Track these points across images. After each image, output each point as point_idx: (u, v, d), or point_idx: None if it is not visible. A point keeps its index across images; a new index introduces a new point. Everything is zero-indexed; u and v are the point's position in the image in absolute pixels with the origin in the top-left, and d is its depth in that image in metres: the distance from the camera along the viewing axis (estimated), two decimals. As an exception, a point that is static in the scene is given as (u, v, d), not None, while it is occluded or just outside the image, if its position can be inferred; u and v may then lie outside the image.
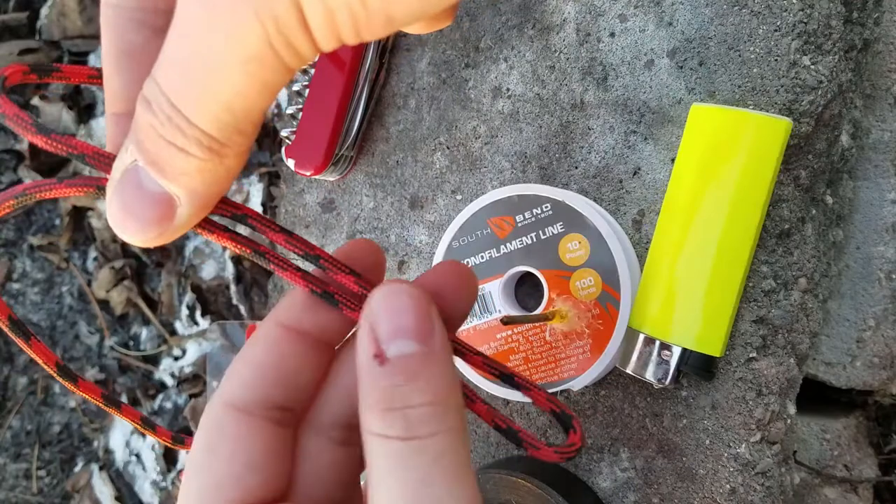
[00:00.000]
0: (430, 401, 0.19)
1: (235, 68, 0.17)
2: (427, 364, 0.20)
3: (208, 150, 0.18)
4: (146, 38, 0.21)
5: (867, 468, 0.50)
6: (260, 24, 0.16)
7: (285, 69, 0.18)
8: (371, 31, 0.17)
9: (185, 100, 0.18)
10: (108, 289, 0.98)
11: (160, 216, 0.19)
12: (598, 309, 0.41)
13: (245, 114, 0.18)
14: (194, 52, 0.17)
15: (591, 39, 0.44)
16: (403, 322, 0.20)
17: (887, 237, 0.46)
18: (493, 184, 0.47)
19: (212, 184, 0.19)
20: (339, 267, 0.23)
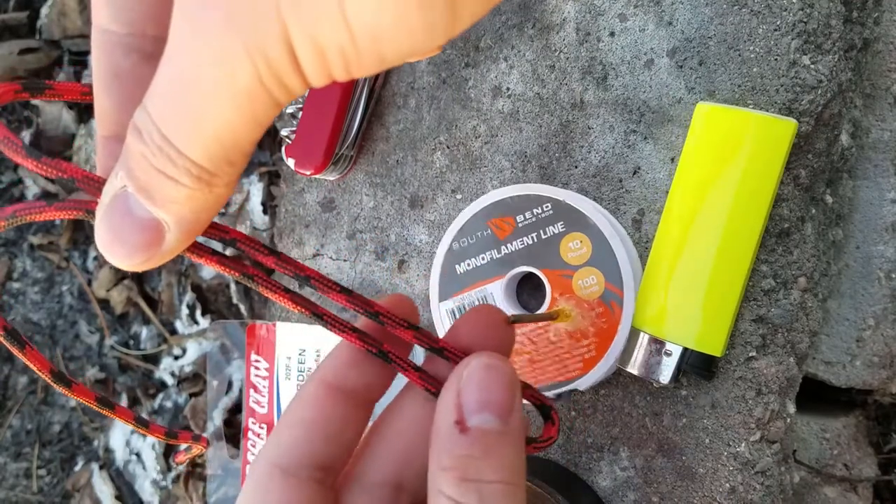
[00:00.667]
0: (503, 479, 0.20)
1: (225, 103, 0.17)
2: (503, 442, 0.21)
3: (198, 179, 0.18)
4: (135, 62, 0.21)
5: (867, 467, 0.50)
6: (250, 62, 0.17)
7: (275, 104, 0.18)
8: (362, 69, 0.17)
9: (175, 131, 0.18)
10: (108, 288, 0.98)
11: (148, 242, 0.19)
12: (602, 307, 0.41)
13: (235, 146, 0.18)
14: (184, 84, 0.17)
15: (590, 39, 0.44)
16: (491, 397, 0.21)
17: (887, 236, 0.46)
18: (493, 183, 0.47)
19: (200, 211, 0.20)
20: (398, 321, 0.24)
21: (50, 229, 1.04)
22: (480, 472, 0.20)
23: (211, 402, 0.56)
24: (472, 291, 0.44)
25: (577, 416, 0.44)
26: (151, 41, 0.21)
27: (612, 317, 0.40)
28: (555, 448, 0.45)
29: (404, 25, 0.16)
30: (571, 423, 0.44)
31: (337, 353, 0.25)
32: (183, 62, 0.17)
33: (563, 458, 0.45)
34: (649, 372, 0.40)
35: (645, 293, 0.40)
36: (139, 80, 0.20)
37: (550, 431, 0.25)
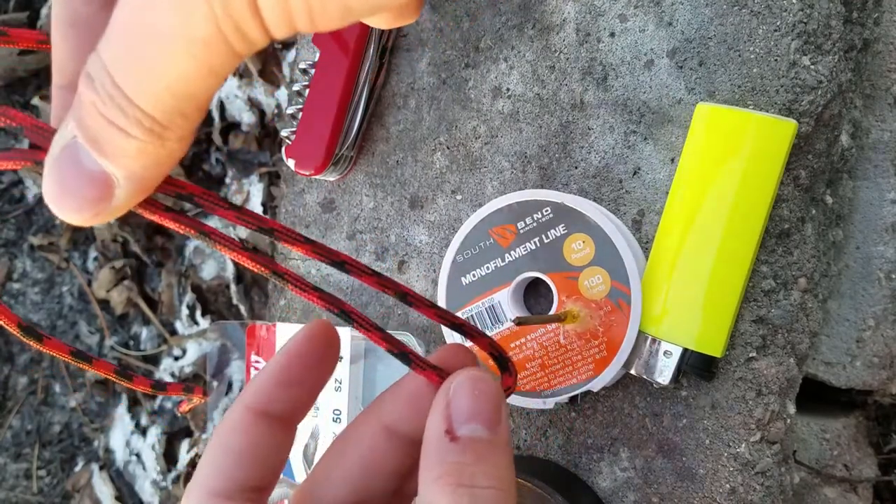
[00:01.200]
0: (496, 485, 0.21)
1: (180, 50, 0.17)
2: (493, 451, 0.21)
3: (149, 131, 0.18)
4: (95, 9, 0.21)
5: (867, 468, 0.50)
6: (208, 7, 0.16)
7: (234, 55, 0.17)
8: (328, 21, 0.17)
9: (127, 78, 0.17)
10: (108, 289, 0.98)
11: (97, 196, 0.19)
12: (610, 306, 0.41)
13: (189, 98, 0.18)
14: (138, 29, 0.17)
15: (591, 39, 0.44)
16: (479, 408, 0.21)
17: (887, 237, 0.46)
18: (492, 184, 0.47)
19: (152, 166, 0.19)
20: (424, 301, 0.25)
21: (50, 230, 1.04)
22: (474, 478, 0.21)
23: (211, 402, 0.57)
24: (480, 302, 0.44)
25: (577, 417, 0.44)
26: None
27: (621, 314, 0.40)
28: (555, 448, 0.45)
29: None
30: (571, 424, 0.44)
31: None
32: (137, 6, 0.17)
33: (563, 458, 0.45)
34: (649, 372, 0.40)
35: (645, 293, 0.40)
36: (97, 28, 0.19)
37: (508, 382, 0.26)
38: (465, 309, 0.45)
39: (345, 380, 0.48)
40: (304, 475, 0.49)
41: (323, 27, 0.17)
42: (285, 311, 0.55)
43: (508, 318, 0.43)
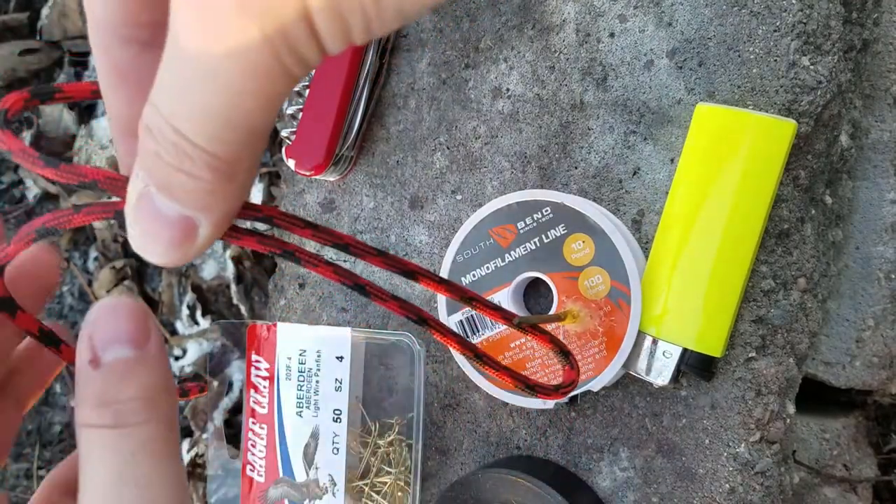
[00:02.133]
0: (141, 396, 0.21)
1: (239, 86, 0.16)
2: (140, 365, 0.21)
3: (216, 170, 0.18)
4: (135, 53, 0.21)
5: (866, 468, 0.50)
6: (266, 41, 0.16)
7: (291, 78, 0.17)
8: (383, 27, 0.17)
9: (187, 123, 0.17)
10: (108, 289, 0.98)
11: (181, 238, 0.19)
12: (610, 306, 0.41)
13: (252, 130, 0.18)
14: (193, 73, 0.17)
15: (590, 40, 0.44)
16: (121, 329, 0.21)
17: (886, 237, 0.46)
18: (492, 184, 0.47)
19: (227, 200, 0.19)
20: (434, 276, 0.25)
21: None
22: (117, 394, 0.21)
23: (211, 402, 0.57)
24: None
25: (577, 417, 0.44)
26: (148, 29, 0.20)
27: (621, 314, 0.40)
28: (555, 448, 0.45)
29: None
30: (571, 424, 0.45)
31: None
32: (188, 50, 0.17)
33: (563, 458, 0.45)
34: (649, 372, 0.40)
35: (645, 294, 0.40)
36: (142, 71, 0.20)
37: (571, 375, 0.26)
38: (466, 309, 0.45)
39: (345, 380, 0.48)
40: (304, 475, 0.49)
41: (378, 34, 0.17)
42: (285, 311, 0.55)
43: (508, 318, 0.43)
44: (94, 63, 0.21)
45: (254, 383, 0.51)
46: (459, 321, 0.45)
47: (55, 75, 1.02)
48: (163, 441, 0.21)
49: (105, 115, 0.99)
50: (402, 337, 0.47)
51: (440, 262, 0.47)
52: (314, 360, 0.48)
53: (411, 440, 0.47)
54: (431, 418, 0.49)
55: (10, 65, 1.02)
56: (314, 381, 0.48)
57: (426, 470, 0.49)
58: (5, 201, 1.05)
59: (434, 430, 0.49)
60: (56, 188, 1.00)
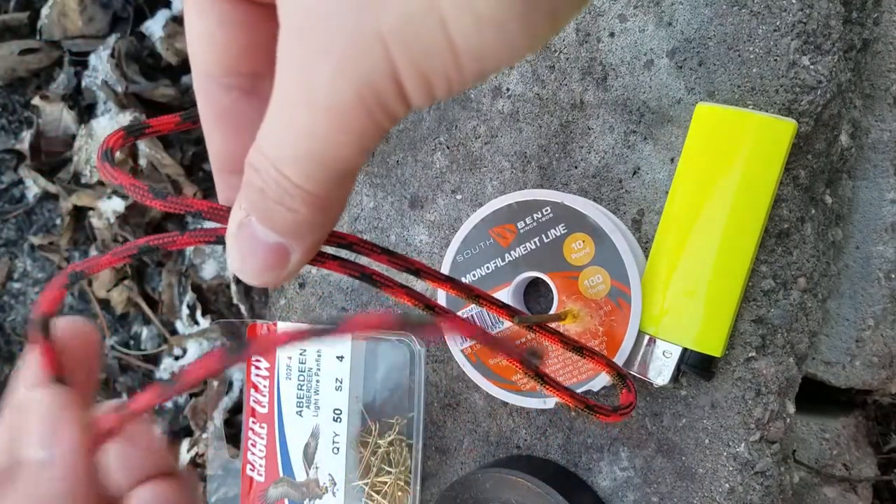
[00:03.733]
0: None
1: (335, 139, 0.18)
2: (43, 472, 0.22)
3: (312, 206, 0.20)
4: (235, 99, 0.23)
5: (866, 467, 0.50)
6: (360, 101, 0.18)
7: (382, 131, 0.19)
8: (464, 86, 0.18)
9: (290, 167, 0.19)
10: (108, 288, 0.98)
11: (275, 263, 0.21)
12: (610, 305, 0.41)
13: (344, 173, 0.20)
14: (296, 124, 0.19)
15: (590, 39, 0.44)
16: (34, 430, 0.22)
17: (886, 237, 0.46)
18: (493, 183, 0.47)
19: (318, 230, 0.21)
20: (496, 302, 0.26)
21: (50, 229, 1.04)
22: None
23: (211, 402, 0.57)
24: None
25: (577, 417, 0.44)
26: (248, 78, 0.23)
27: (621, 314, 0.40)
28: (555, 448, 0.45)
29: (506, 42, 0.17)
30: (571, 424, 0.45)
31: None
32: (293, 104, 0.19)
33: (563, 458, 0.45)
34: (649, 372, 0.40)
35: (645, 293, 0.40)
36: (240, 115, 0.22)
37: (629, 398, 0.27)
38: (466, 309, 0.45)
39: (345, 379, 0.48)
40: (304, 475, 0.49)
41: (458, 92, 0.19)
42: (285, 311, 0.55)
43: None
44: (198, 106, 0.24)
45: (254, 383, 0.51)
46: (459, 321, 0.45)
47: (55, 75, 1.02)
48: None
49: (105, 115, 0.99)
50: (402, 337, 0.47)
51: (440, 262, 0.47)
52: (314, 360, 0.48)
53: (411, 440, 0.47)
54: (431, 418, 0.49)
55: (10, 64, 1.02)
56: (314, 380, 0.48)
57: (426, 470, 0.49)
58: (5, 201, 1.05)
59: (434, 429, 0.49)
60: (56, 188, 1.00)
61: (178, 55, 0.97)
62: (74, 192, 0.99)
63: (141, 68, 0.99)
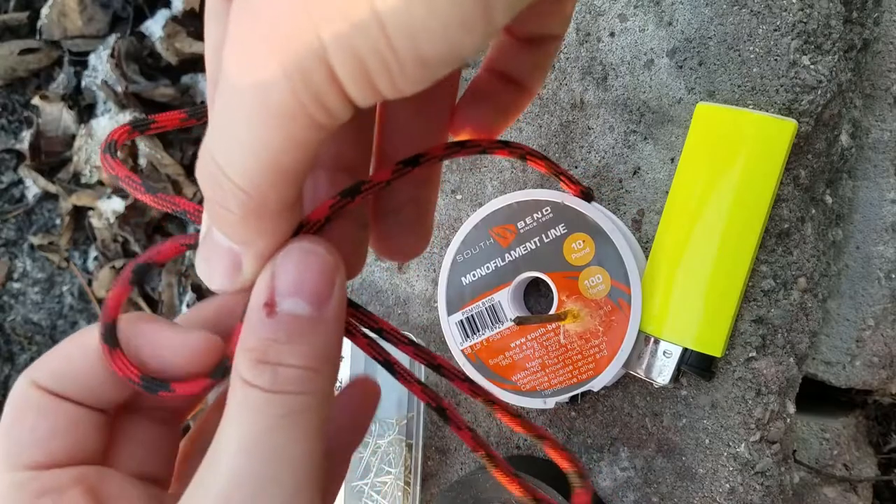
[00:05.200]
0: (304, 365, 0.20)
1: (262, 123, 0.17)
2: (313, 330, 0.20)
3: (244, 206, 0.19)
4: None
5: (867, 467, 0.50)
6: (286, 78, 0.16)
7: (316, 126, 0.17)
8: (407, 78, 0.17)
9: (222, 156, 0.18)
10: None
11: (229, 268, 0.20)
12: (610, 305, 0.41)
13: (277, 170, 0.18)
14: (228, 106, 0.18)
15: (591, 39, 0.44)
16: (305, 282, 0.20)
17: (887, 237, 0.46)
18: (492, 183, 0.47)
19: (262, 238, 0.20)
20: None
21: (50, 229, 1.04)
22: (280, 355, 0.20)
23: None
24: (480, 302, 0.44)
25: (577, 417, 0.44)
26: None
27: (621, 314, 0.40)
28: (555, 448, 0.45)
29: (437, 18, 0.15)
30: (571, 424, 0.44)
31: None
32: (226, 85, 0.17)
33: (563, 458, 0.45)
34: (649, 372, 0.40)
35: (645, 293, 0.40)
36: None
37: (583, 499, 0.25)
38: (465, 309, 0.45)
39: (345, 379, 0.48)
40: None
41: (405, 88, 0.17)
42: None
43: (508, 318, 0.43)
44: (206, 90, 0.23)
45: (254, 383, 0.51)
46: (459, 321, 0.45)
47: (55, 75, 1.02)
48: (308, 416, 0.20)
49: (105, 115, 0.99)
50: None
51: (440, 263, 0.47)
52: (314, 360, 0.48)
53: (411, 440, 0.47)
54: (431, 418, 0.49)
55: (10, 64, 1.02)
56: (314, 380, 0.48)
57: (426, 470, 0.49)
58: (5, 201, 1.05)
59: (434, 430, 0.49)
60: (56, 188, 1.00)
61: (178, 55, 0.97)
62: (74, 192, 0.99)
63: (141, 68, 0.99)
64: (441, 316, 0.46)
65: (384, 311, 0.51)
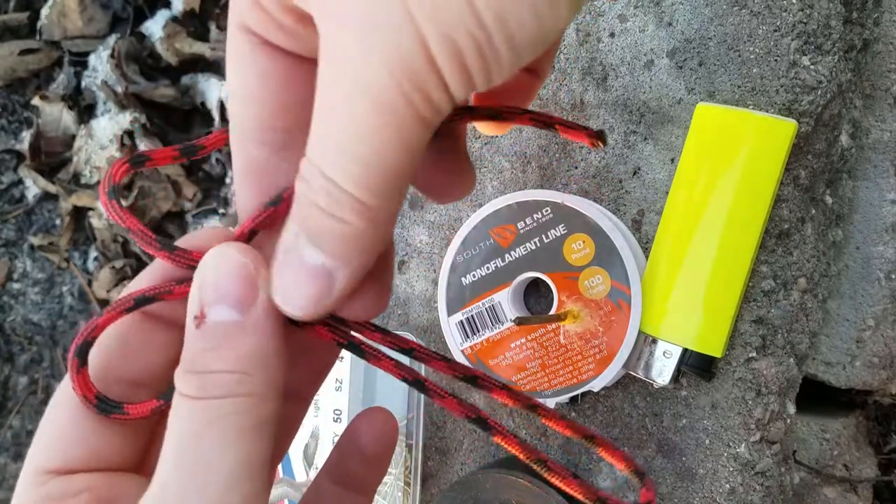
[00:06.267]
0: (232, 369, 0.20)
1: (373, 127, 0.17)
2: (240, 334, 0.20)
3: (360, 214, 0.19)
4: (268, 154, 0.22)
5: (867, 468, 0.50)
6: (391, 78, 0.17)
7: (422, 122, 0.18)
8: (500, 67, 0.17)
9: (336, 170, 0.18)
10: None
11: (318, 292, 0.20)
12: (610, 306, 0.41)
13: (391, 176, 0.18)
14: (335, 118, 0.18)
15: (591, 39, 0.44)
16: (226, 286, 0.20)
17: (887, 237, 0.46)
18: (492, 184, 0.47)
19: (366, 252, 0.20)
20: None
21: (50, 230, 1.04)
22: (207, 363, 0.20)
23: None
24: (480, 302, 0.44)
25: (577, 417, 0.44)
26: (282, 134, 0.22)
27: (621, 314, 0.40)
28: (555, 448, 0.45)
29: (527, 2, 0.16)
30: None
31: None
32: (332, 99, 0.18)
33: (564, 458, 0.45)
34: (649, 372, 0.40)
35: (645, 294, 0.40)
36: (272, 171, 0.22)
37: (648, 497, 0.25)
38: (465, 309, 0.45)
39: (345, 379, 0.48)
40: (304, 475, 0.49)
41: (497, 77, 0.17)
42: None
43: (508, 318, 0.43)
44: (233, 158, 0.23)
45: (254, 383, 0.51)
46: (459, 321, 0.45)
47: (55, 75, 1.02)
48: (240, 419, 0.19)
49: (105, 116, 0.99)
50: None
51: (440, 263, 0.47)
52: (314, 360, 0.48)
53: (411, 440, 0.47)
54: (431, 418, 0.49)
55: (10, 65, 1.02)
56: (314, 381, 0.48)
57: (426, 470, 0.49)
58: (5, 201, 1.05)
59: (434, 430, 0.49)
60: (56, 188, 1.00)
61: (178, 55, 0.97)
62: (74, 193, 0.99)
63: (140, 68, 0.99)
64: (441, 316, 0.46)
65: (384, 312, 0.51)
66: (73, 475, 0.22)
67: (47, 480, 0.21)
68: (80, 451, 0.22)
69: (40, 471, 0.22)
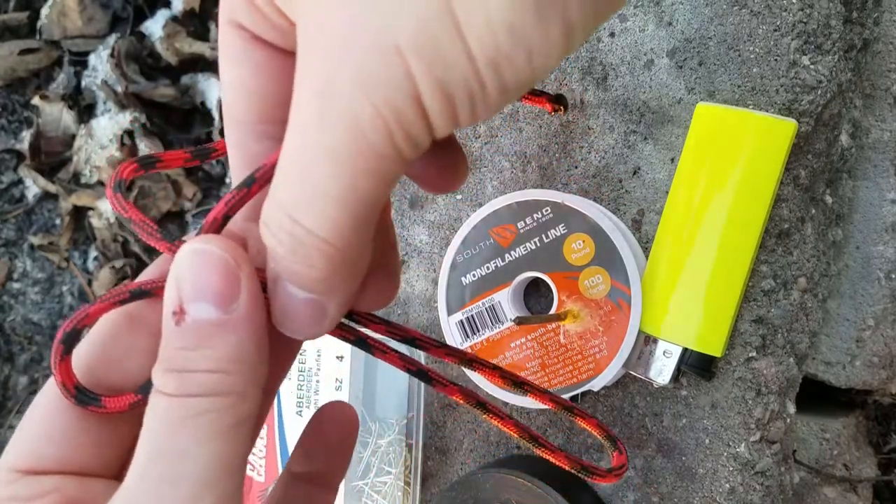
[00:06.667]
0: (212, 368, 0.19)
1: (355, 168, 0.17)
2: (221, 332, 0.19)
3: (332, 260, 0.18)
4: (267, 148, 0.22)
5: (867, 467, 0.50)
6: (380, 118, 0.16)
7: (402, 162, 0.17)
8: (487, 105, 0.17)
9: (305, 212, 0.18)
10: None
11: (313, 318, 0.20)
12: (610, 306, 0.41)
13: (362, 216, 0.18)
14: (306, 158, 0.17)
15: (591, 39, 0.44)
16: (206, 283, 0.19)
17: (887, 237, 0.46)
18: (492, 183, 0.47)
19: (348, 282, 0.20)
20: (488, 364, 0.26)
21: (50, 229, 1.04)
22: (187, 362, 0.19)
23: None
24: (480, 302, 0.44)
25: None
26: (281, 126, 0.21)
27: (621, 314, 0.40)
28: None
29: (521, 47, 0.16)
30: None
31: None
32: (309, 135, 0.17)
33: (563, 458, 0.45)
34: (649, 371, 0.40)
35: (645, 293, 0.40)
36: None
37: (621, 459, 0.26)
38: (465, 309, 0.45)
39: (345, 379, 0.48)
40: (304, 475, 0.49)
41: (482, 116, 0.17)
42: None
43: (508, 318, 0.43)
44: (229, 153, 0.23)
45: (254, 383, 0.51)
46: (459, 321, 0.45)
47: (55, 75, 1.02)
48: (218, 417, 0.19)
49: (105, 115, 0.99)
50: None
51: (440, 263, 0.47)
52: (314, 360, 0.48)
53: (411, 440, 0.47)
54: (431, 418, 0.49)
55: (10, 64, 1.02)
56: (314, 380, 0.48)
57: (426, 470, 0.49)
58: (5, 201, 1.05)
59: (434, 430, 0.49)
60: (56, 188, 1.00)
61: (178, 55, 0.97)
62: (74, 192, 0.99)
63: (140, 68, 0.99)
64: (441, 316, 0.46)
65: (384, 312, 0.51)
66: (44, 476, 0.21)
67: (16, 479, 0.21)
68: (53, 450, 0.21)
69: (11, 469, 0.21)
